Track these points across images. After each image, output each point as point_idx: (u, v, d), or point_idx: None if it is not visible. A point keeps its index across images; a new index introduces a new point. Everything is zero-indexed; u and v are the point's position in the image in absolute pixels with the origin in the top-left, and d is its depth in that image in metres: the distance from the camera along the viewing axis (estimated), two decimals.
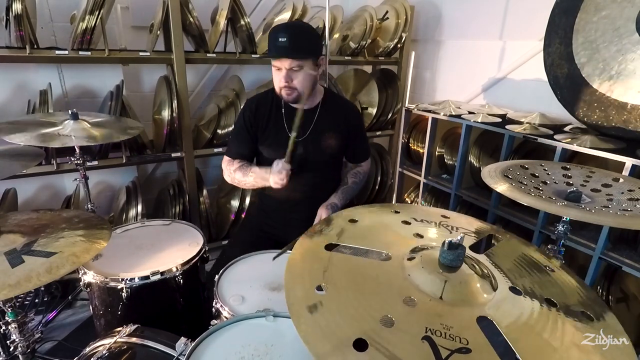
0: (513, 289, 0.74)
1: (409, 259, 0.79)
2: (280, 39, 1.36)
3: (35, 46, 1.85)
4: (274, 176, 1.45)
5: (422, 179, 2.51)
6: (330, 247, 0.83)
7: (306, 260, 0.79)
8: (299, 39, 1.40)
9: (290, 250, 0.83)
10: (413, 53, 2.87)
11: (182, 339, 1.05)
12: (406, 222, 0.96)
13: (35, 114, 1.89)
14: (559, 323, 0.67)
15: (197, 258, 1.40)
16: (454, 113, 2.22)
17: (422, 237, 0.89)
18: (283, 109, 1.56)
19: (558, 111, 1.94)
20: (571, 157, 1.77)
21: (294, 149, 1.44)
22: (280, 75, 1.43)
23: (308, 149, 1.56)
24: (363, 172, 1.74)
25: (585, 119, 1.77)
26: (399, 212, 1.02)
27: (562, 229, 1.22)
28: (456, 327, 0.63)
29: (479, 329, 0.63)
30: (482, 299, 0.71)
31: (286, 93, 1.47)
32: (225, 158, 1.63)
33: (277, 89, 1.48)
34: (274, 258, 1.29)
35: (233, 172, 1.59)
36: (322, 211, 1.54)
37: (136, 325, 1.12)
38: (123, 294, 1.26)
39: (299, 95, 1.47)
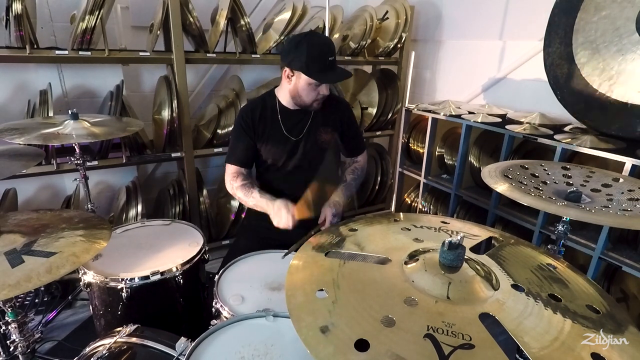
0: (515, 286, 0.74)
1: (410, 263, 0.79)
2: (329, 58, 1.43)
3: (35, 46, 1.85)
4: (278, 219, 1.44)
5: (422, 179, 2.51)
6: (330, 253, 0.84)
7: (307, 265, 0.80)
8: (335, 55, 1.47)
9: (296, 250, 0.83)
10: (413, 53, 2.88)
11: (182, 339, 1.04)
12: (406, 229, 0.96)
13: (36, 118, 1.89)
14: (562, 317, 0.67)
15: (197, 258, 1.40)
16: (454, 113, 2.22)
17: (421, 241, 0.89)
18: (279, 113, 1.57)
19: (558, 111, 1.94)
20: (571, 157, 1.77)
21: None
22: (320, 88, 1.47)
23: (306, 148, 1.58)
24: (361, 167, 1.76)
25: (585, 119, 1.77)
26: (398, 221, 1.02)
27: (562, 229, 1.22)
28: (458, 324, 0.63)
29: (481, 326, 0.63)
30: (484, 297, 0.71)
31: (321, 102, 1.52)
32: (229, 168, 1.62)
33: (310, 101, 1.50)
34: (284, 256, 1.30)
35: (235, 189, 1.59)
36: (326, 210, 1.54)
37: (136, 325, 1.12)
38: (123, 294, 1.26)
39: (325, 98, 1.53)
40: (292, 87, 1.49)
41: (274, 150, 1.59)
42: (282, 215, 1.42)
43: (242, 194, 1.57)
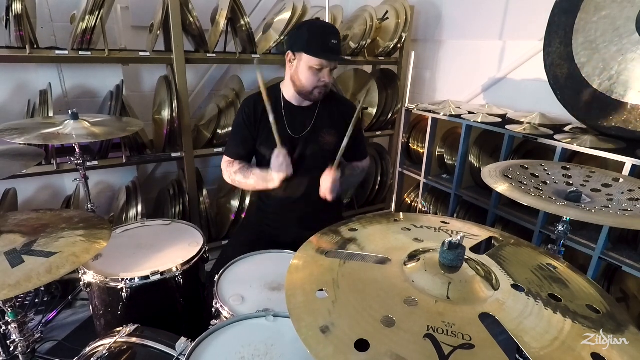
0: (515, 286, 0.74)
1: (410, 263, 0.79)
2: (332, 41, 1.41)
3: (35, 46, 1.85)
4: (274, 165, 1.45)
5: (422, 179, 2.51)
6: (330, 253, 0.84)
7: (307, 265, 0.80)
8: (340, 41, 1.47)
9: None
10: (413, 53, 2.88)
11: (182, 339, 1.04)
12: (406, 229, 0.96)
13: (36, 118, 1.89)
14: (562, 317, 0.67)
15: (197, 258, 1.40)
16: (454, 113, 2.22)
17: (421, 241, 0.89)
18: (283, 108, 1.56)
19: (558, 111, 1.94)
20: (571, 157, 1.77)
21: (277, 130, 1.46)
22: (321, 74, 1.46)
23: (308, 146, 1.57)
24: (361, 168, 1.75)
25: (585, 119, 1.77)
26: (398, 221, 1.02)
27: (562, 229, 1.22)
28: (458, 324, 0.63)
29: (481, 326, 0.64)
30: (484, 297, 0.71)
31: (322, 90, 1.50)
32: (225, 158, 1.63)
33: (310, 87, 1.49)
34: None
35: (234, 174, 1.59)
36: (323, 180, 1.51)
37: (136, 325, 1.12)
38: (123, 294, 1.26)
39: (327, 89, 1.52)
40: (294, 72, 1.48)
41: (274, 146, 1.58)
42: (281, 161, 1.44)
43: (242, 176, 1.58)
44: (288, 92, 1.57)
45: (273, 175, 1.47)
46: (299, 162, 1.58)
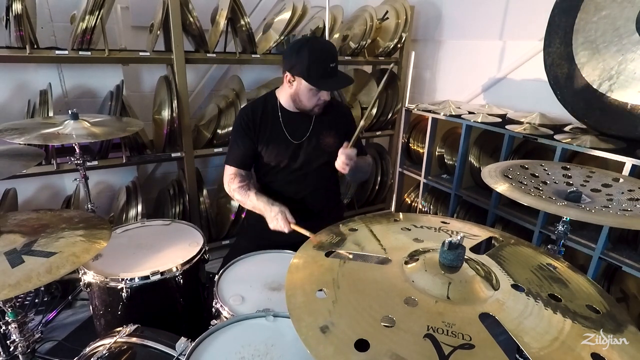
0: (515, 286, 0.75)
1: (410, 263, 0.79)
2: (331, 65, 1.41)
3: (35, 46, 1.85)
4: (275, 223, 1.43)
5: (422, 179, 2.52)
6: (330, 253, 0.84)
7: (307, 265, 0.80)
8: (337, 60, 1.44)
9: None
10: (413, 53, 2.88)
11: (182, 339, 1.04)
12: (406, 229, 0.96)
13: (36, 118, 1.89)
14: (562, 317, 0.67)
15: (197, 258, 1.40)
16: (454, 113, 2.23)
17: (421, 241, 0.89)
18: (281, 115, 1.57)
19: (558, 111, 1.94)
20: (571, 157, 1.77)
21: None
22: (320, 93, 1.46)
23: (309, 150, 1.57)
24: (369, 161, 1.74)
25: (585, 119, 1.77)
26: (398, 221, 1.02)
27: (562, 229, 1.22)
28: (458, 324, 0.63)
29: (481, 326, 0.64)
30: (484, 297, 0.71)
31: (322, 106, 1.51)
32: (228, 169, 1.61)
33: (311, 106, 1.49)
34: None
35: (233, 190, 1.60)
36: (343, 151, 1.47)
37: (136, 325, 1.12)
38: (123, 294, 1.26)
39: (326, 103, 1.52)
40: (293, 92, 1.48)
41: (275, 152, 1.58)
42: (278, 220, 1.42)
43: (240, 196, 1.57)
44: (285, 99, 1.56)
45: (269, 223, 1.45)
46: (301, 165, 1.59)
